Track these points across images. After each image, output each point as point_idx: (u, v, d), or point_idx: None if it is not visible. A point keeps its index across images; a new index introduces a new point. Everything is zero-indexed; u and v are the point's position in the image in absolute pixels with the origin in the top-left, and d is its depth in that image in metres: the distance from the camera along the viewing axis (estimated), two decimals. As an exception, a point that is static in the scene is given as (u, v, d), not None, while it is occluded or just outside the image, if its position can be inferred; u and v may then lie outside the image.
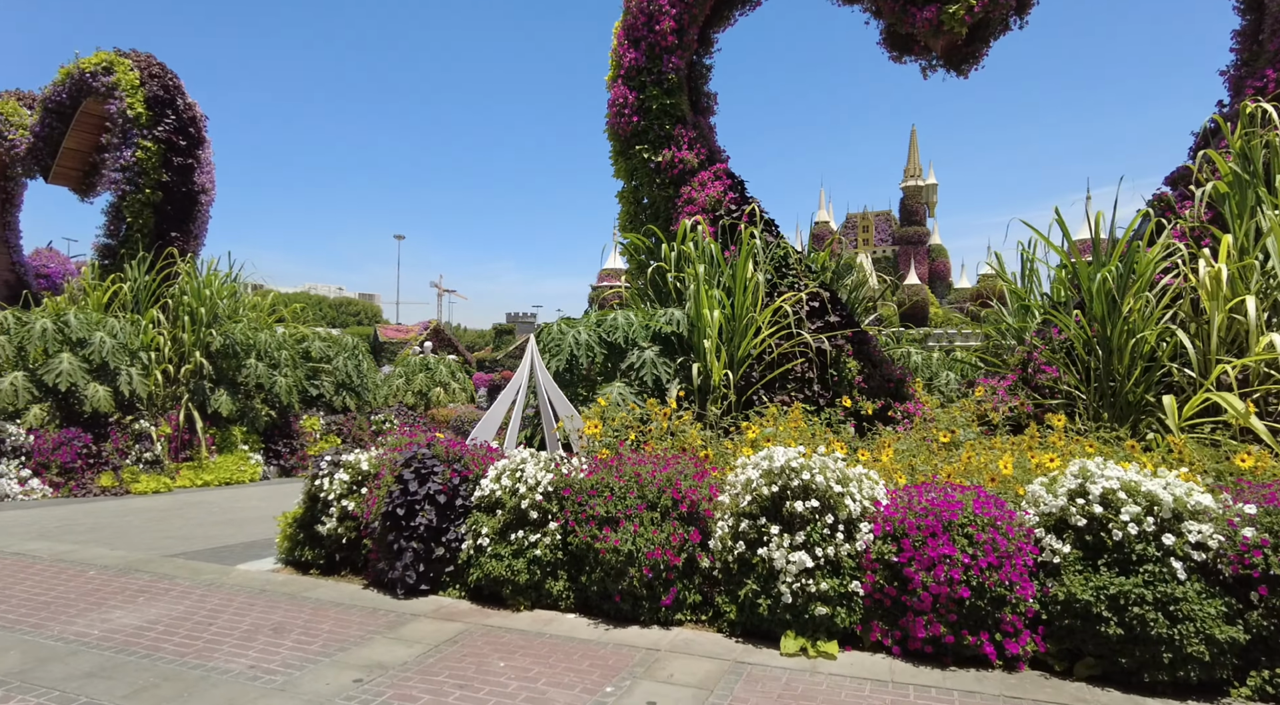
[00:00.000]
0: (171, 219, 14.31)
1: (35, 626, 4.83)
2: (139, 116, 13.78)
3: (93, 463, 11.21)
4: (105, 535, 7.88)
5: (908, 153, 71.10)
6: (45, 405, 11.12)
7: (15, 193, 17.79)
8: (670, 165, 9.50)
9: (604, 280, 52.31)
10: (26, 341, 11.20)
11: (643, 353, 8.11)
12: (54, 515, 9.11)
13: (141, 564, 6.48)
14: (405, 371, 19.53)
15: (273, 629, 4.80)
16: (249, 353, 13.73)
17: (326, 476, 6.23)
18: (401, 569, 5.47)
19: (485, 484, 5.63)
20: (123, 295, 13.34)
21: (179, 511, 9.63)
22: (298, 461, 14.35)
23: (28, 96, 16.51)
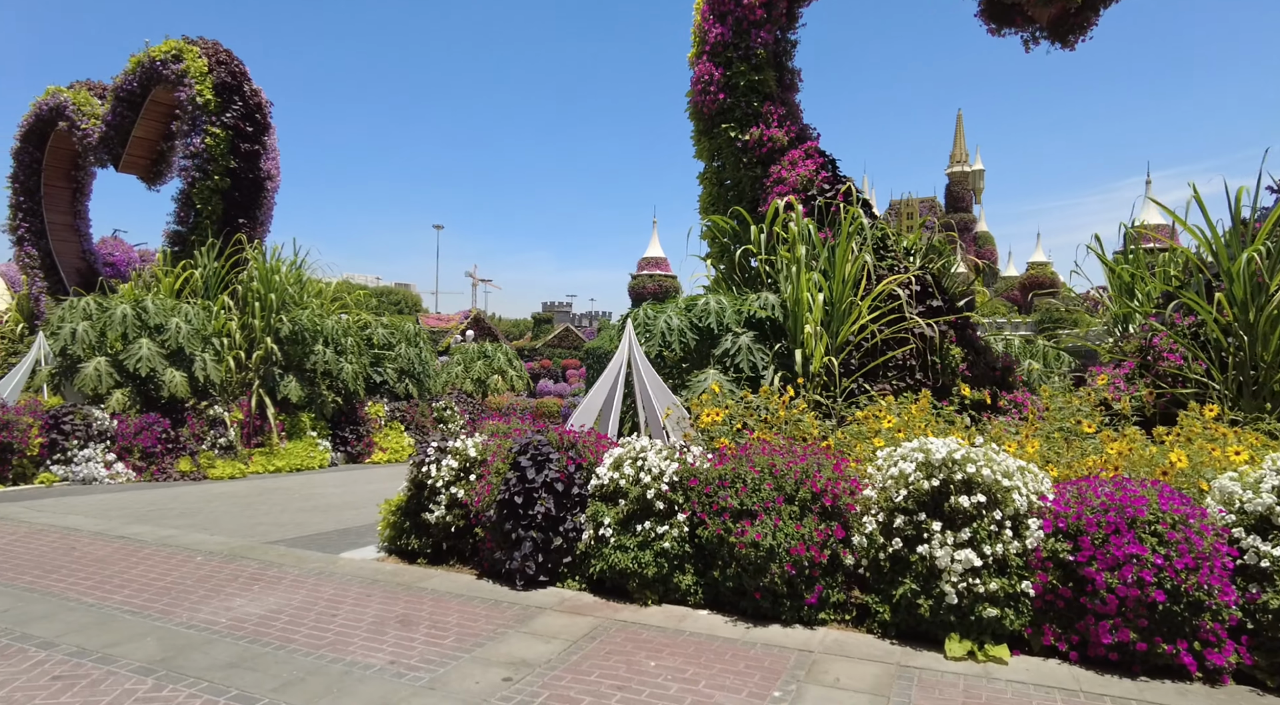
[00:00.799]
0: (239, 205, 14.35)
1: (163, 612, 4.73)
2: (207, 103, 13.81)
3: (171, 447, 11.28)
4: (198, 521, 7.86)
5: (953, 138, 69.48)
6: (126, 390, 11.21)
7: (85, 182, 18.06)
8: (758, 144, 9.16)
9: (644, 269, 51.97)
10: (108, 327, 11.29)
11: (738, 338, 7.82)
12: (142, 499, 9.14)
13: (245, 551, 6.40)
14: (463, 359, 19.50)
15: (399, 621, 4.64)
16: (316, 339, 13.73)
17: (434, 463, 6.06)
18: (520, 559, 5.28)
19: (602, 472, 5.41)
20: (193, 282, 13.42)
21: (260, 497, 9.61)
22: (364, 448, 14.36)
23: (98, 86, 16.69)
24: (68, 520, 7.63)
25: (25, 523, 7.44)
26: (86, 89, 16.54)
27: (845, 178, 9.08)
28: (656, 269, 51.42)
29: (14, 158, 17.11)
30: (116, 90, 15.11)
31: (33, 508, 8.31)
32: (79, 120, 15.86)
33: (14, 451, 9.69)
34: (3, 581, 5.40)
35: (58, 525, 7.34)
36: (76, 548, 6.43)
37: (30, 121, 16.78)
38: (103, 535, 6.94)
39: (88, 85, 16.69)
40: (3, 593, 5.12)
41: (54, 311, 11.60)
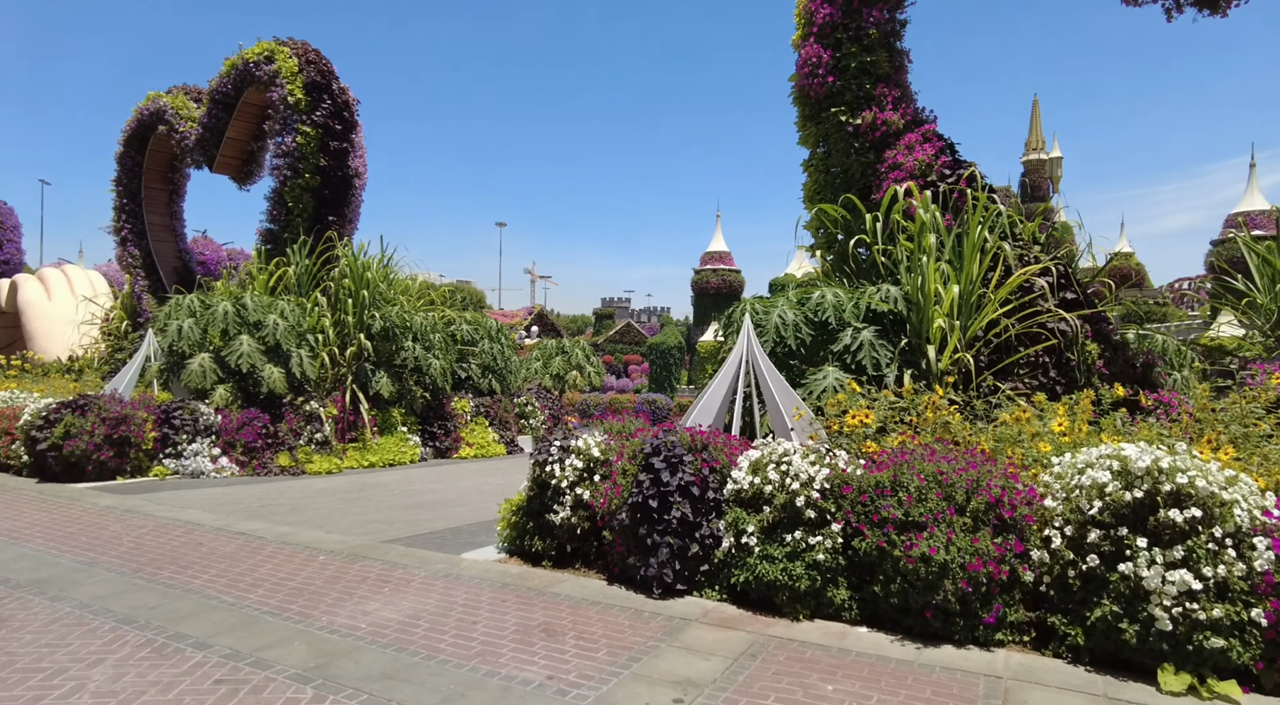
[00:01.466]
0: (329, 203, 14.55)
1: (301, 615, 4.65)
2: (298, 102, 14.02)
3: (270, 442, 11.47)
4: (309, 517, 7.88)
5: (1029, 124, 66.57)
6: (228, 386, 11.44)
7: (181, 184, 18.67)
8: (871, 128, 8.70)
9: (708, 264, 51.47)
10: (210, 324, 11.54)
11: (859, 334, 7.41)
12: (249, 494, 9.27)
13: (365, 551, 6.33)
14: (542, 354, 19.50)
15: (543, 630, 4.44)
16: (406, 335, 13.82)
17: (557, 463, 5.87)
18: (658, 566, 5.03)
19: (739, 476, 5.11)
20: (287, 279, 13.65)
21: (361, 493, 9.65)
22: (451, 443, 14.41)
23: (193, 90, 17.20)
24: (187, 514, 7.74)
25: (151, 516, 7.58)
26: (183, 93, 17.06)
27: (968, 162, 8.55)
28: (720, 263, 50.85)
29: (118, 162, 17.79)
30: (212, 93, 15.51)
31: (152, 501, 8.49)
32: (177, 123, 16.36)
33: (131, 445, 9.96)
34: (145, 576, 5.43)
35: (180, 520, 7.44)
36: (203, 543, 6.47)
37: (132, 126, 17.40)
38: (224, 531, 6.99)
39: (184, 89, 17.21)
40: (148, 588, 5.14)
41: (160, 309, 11.94)
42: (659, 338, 49.21)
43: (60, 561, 5.84)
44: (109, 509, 7.98)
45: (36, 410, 10.14)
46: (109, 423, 9.74)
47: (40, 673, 3.75)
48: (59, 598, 4.93)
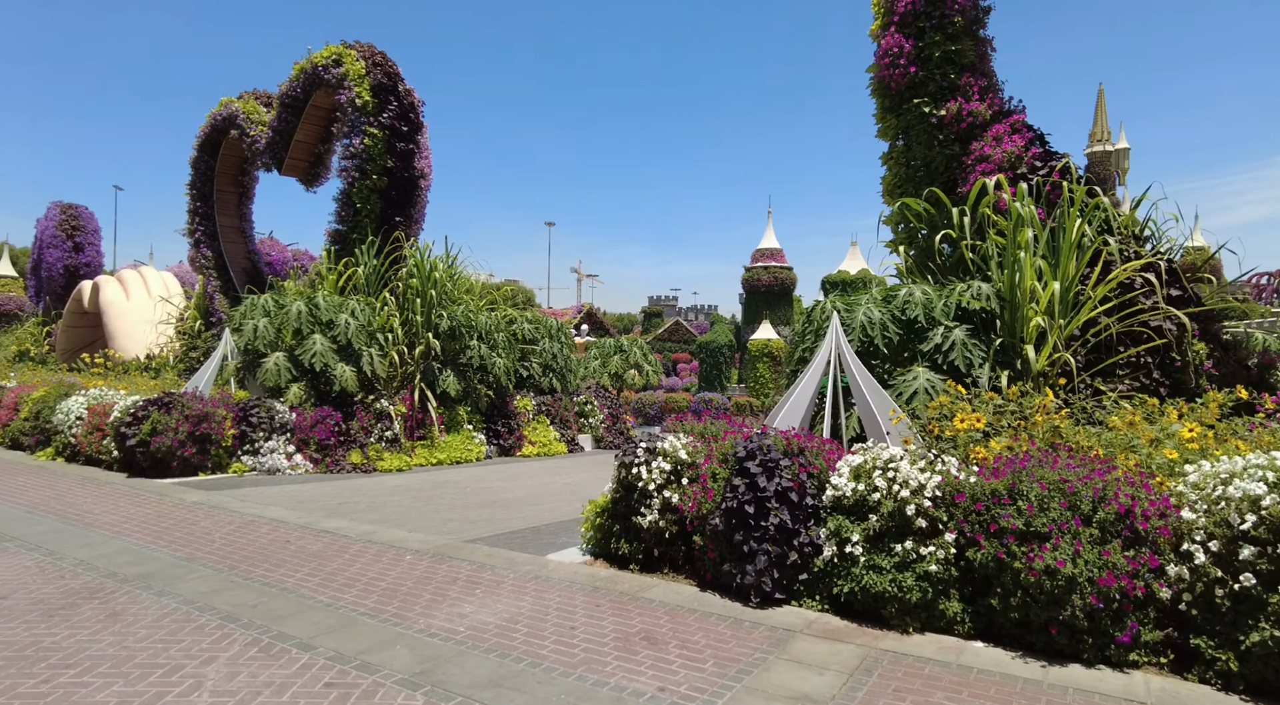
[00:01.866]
0: (395, 204, 14.75)
1: (398, 617, 4.63)
2: (366, 104, 14.23)
3: (342, 440, 11.65)
4: (387, 515, 7.93)
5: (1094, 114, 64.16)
6: (301, 384, 11.65)
7: (250, 187, 19.17)
8: (956, 119, 8.38)
9: (758, 261, 50.91)
10: (284, 323, 11.78)
11: (950, 333, 7.12)
12: (325, 492, 9.41)
13: (449, 550, 6.32)
14: (600, 353, 19.49)
15: (644, 638, 4.32)
16: (471, 334, 13.91)
17: (643, 465, 5.75)
18: (755, 574, 4.88)
19: (841, 483, 4.91)
20: (356, 279, 13.87)
21: (433, 491, 9.71)
22: (515, 441, 14.47)
23: (263, 95, 17.63)
24: (270, 512, 7.87)
25: (236, 513, 7.72)
26: (254, 98, 17.51)
27: (1059, 154, 8.16)
28: (771, 260, 50.20)
29: (192, 166, 18.36)
30: (282, 97, 15.86)
31: (235, 497, 8.67)
32: (248, 127, 16.79)
33: (212, 442, 10.22)
34: (240, 573, 5.50)
35: (265, 517, 7.57)
36: (291, 542, 6.55)
37: (206, 131, 17.94)
38: (308, 529, 7.07)
39: (255, 94, 17.65)
40: (245, 586, 5.19)
41: (236, 309, 12.25)
42: (709, 336, 48.92)
43: (159, 556, 5.96)
44: (196, 505, 8.17)
45: (125, 407, 10.48)
46: (191, 420, 10.00)
47: (159, 669, 3.78)
48: (165, 593, 5.02)
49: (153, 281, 24.35)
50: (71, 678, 3.68)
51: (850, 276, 51.57)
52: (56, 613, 4.63)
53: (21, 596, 4.94)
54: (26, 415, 12.62)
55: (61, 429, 11.67)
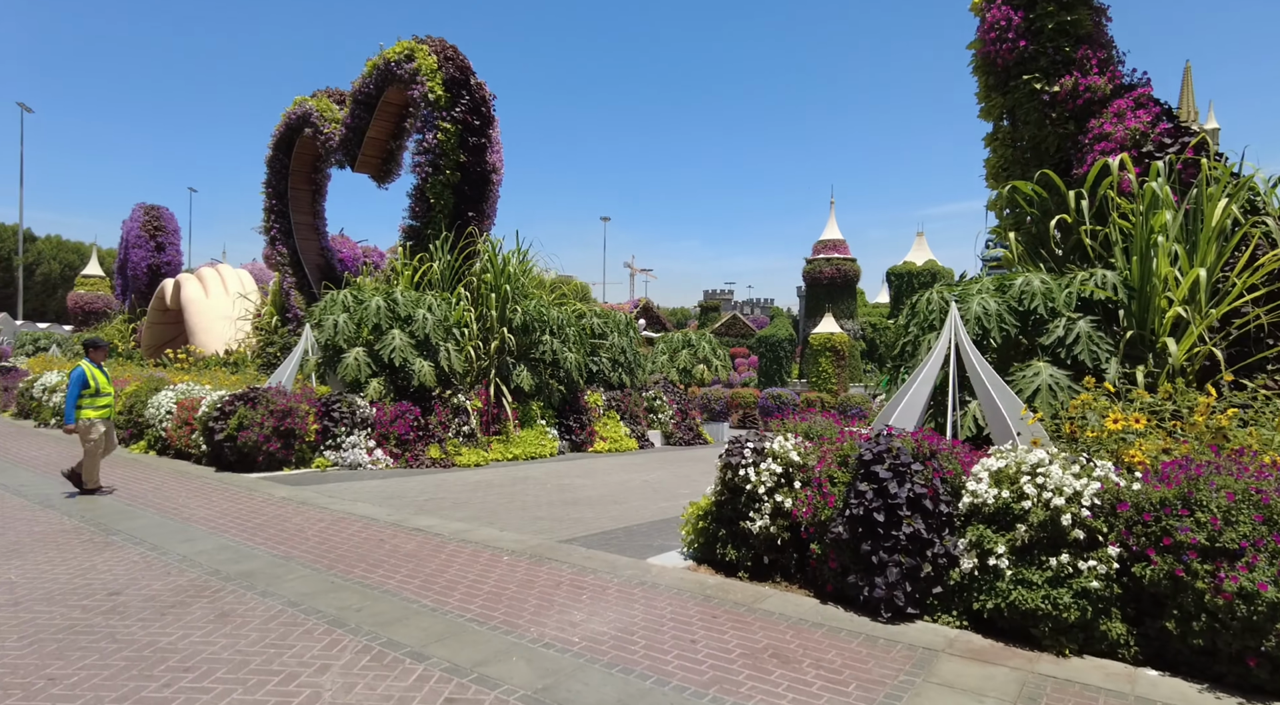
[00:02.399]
0: (468, 199, 14.72)
1: (507, 624, 4.42)
2: (438, 99, 14.21)
3: (421, 435, 11.65)
4: (474, 512, 7.80)
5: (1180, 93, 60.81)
6: (380, 379, 11.69)
7: (323, 184, 19.49)
8: (1072, 95, 7.77)
9: (820, 252, 49.85)
10: (364, 319, 11.82)
11: (1073, 325, 6.57)
12: (409, 487, 9.36)
13: (546, 551, 6.12)
14: (668, 347, 19.23)
15: (773, 655, 4.01)
16: (544, 329, 13.80)
17: (751, 466, 5.44)
18: (886, 587, 4.51)
19: (980, 489, 4.50)
20: (431, 274, 13.88)
21: (514, 487, 9.57)
22: (586, 437, 14.31)
23: (336, 93, 17.86)
24: (358, 508, 7.82)
25: (325, 509, 7.70)
26: (326, 96, 17.75)
27: (1190, 129, 7.49)
28: (834, 252, 49.03)
29: (268, 165, 18.74)
30: (354, 93, 16.00)
31: (322, 493, 8.67)
32: (322, 125, 17.02)
33: (296, 437, 10.30)
34: (339, 573, 5.40)
35: (355, 514, 7.51)
36: (384, 540, 6.45)
37: (281, 130, 18.28)
38: (399, 527, 6.97)
39: (328, 92, 17.90)
40: (346, 587, 5.08)
41: (316, 305, 12.36)
42: (768, 330, 48.16)
43: (258, 554, 5.92)
44: (285, 500, 8.19)
45: (212, 402, 10.66)
46: (276, 415, 10.10)
47: (275, 676, 3.65)
48: (269, 593, 4.93)
49: (230, 279, 25.07)
50: (191, 682, 3.58)
51: (916, 268, 50.11)
52: (169, 611, 4.57)
53: (134, 592, 4.92)
54: (120, 409, 13.01)
55: (153, 423, 11.97)
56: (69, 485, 8.78)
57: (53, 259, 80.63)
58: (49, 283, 78.10)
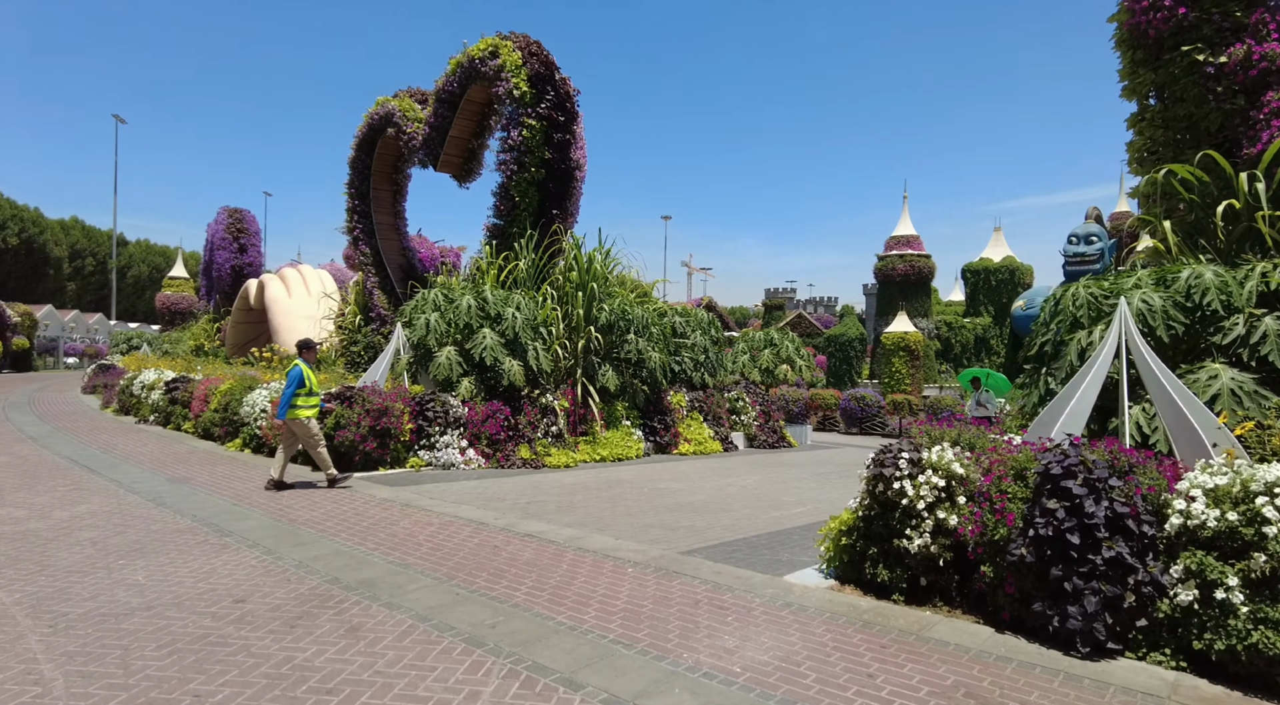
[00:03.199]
0: (552, 196, 14.51)
1: (655, 649, 4.05)
2: (524, 95, 14.02)
3: (511, 435, 11.46)
4: (581, 517, 7.49)
5: (1284, 74, 56.87)
6: (471, 378, 11.54)
7: (403, 184, 19.62)
8: (1243, 65, 6.99)
9: (893, 249, 48.42)
10: (455, 317, 11.69)
11: (1258, 322, 5.85)
12: (507, 489, 9.14)
13: (670, 563, 5.75)
14: (749, 346, 18.73)
15: (968, 695, 3.53)
16: (629, 328, 13.47)
17: (906, 478, 4.94)
18: (1083, 618, 3.97)
19: (1198, 510, 3.92)
20: (517, 273, 13.70)
21: (610, 490, 9.25)
22: (671, 438, 13.92)
23: (418, 93, 17.93)
24: (463, 511, 7.61)
25: (431, 512, 7.51)
26: (408, 96, 17.83)
27: (1387, 100, 6.64)
28: (908, 248, 47.51)
29: (350, 166, 18.96)
30: (438, 92, 15.98)
31: (423, 494, 8.51)
32: (405, 125, 17.08)
33: (391, 436, 10.21)
34: (461, 583, 5.13)
35: (460, 517, 7.30)
36: (499, 547, 6.18)
37: (363, 131, 18.46)
38: (510, 532, 6.71)
39: (409, 92, 17.98)
40: (473, 600, 4.80)
41: (407, 304, 12.32)
42: (838, 329, 46.99)
43: (374, 561, 5.71)
44: (388, 502, 8.04)
45: (308, 401, 10.67)
46: (373, 414, 10.02)
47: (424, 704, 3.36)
48: (395, 606, 4.68)
49: (311, 279, 25.61)
50: (338, 709, 3.31)
51: (994, 264, 48.30)
52: (297, 623, 4.36)
53: (259, 601, 4.74)
54: (215, 407, 13.25)
55: (248, 421, 12.11)
56: (177, 483, 8.86)
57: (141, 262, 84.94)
58: (138, 284, 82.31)
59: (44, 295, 71.29)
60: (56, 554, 5.78)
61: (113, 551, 5.86)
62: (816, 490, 9.93)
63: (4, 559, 5.61)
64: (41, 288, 71.57)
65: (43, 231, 71.38)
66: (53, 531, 6.51)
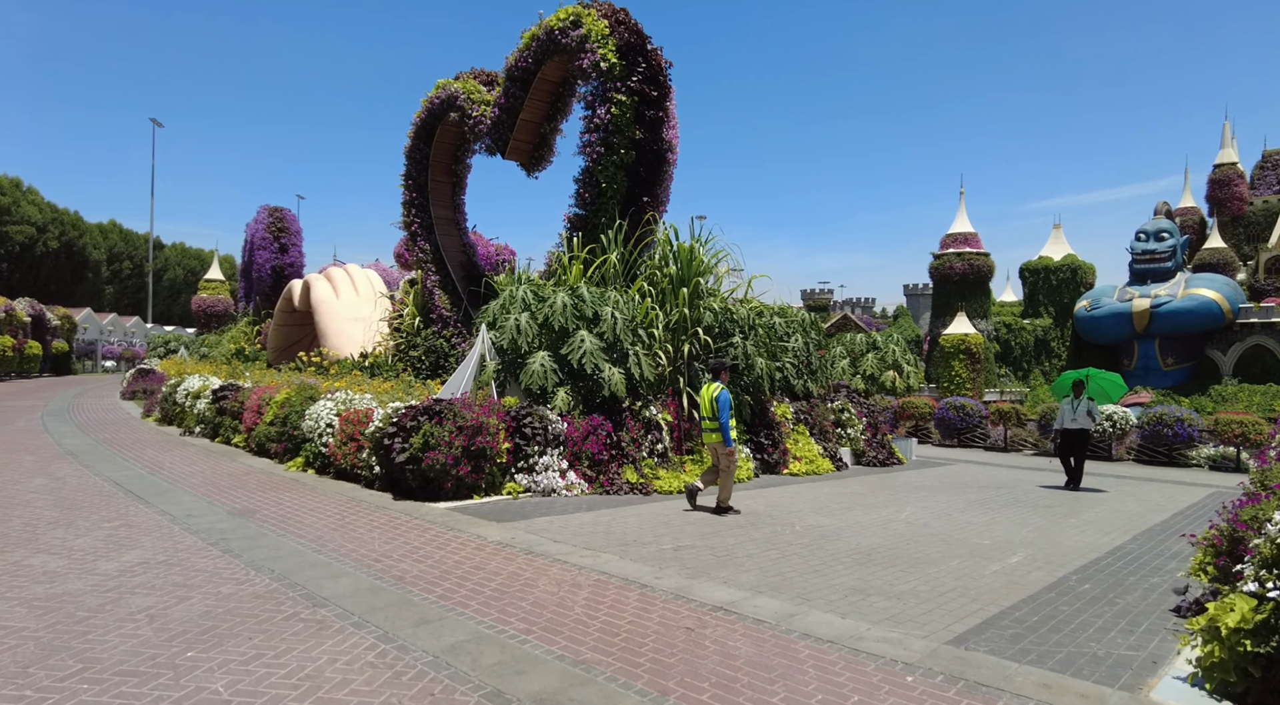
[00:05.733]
0: (642, 182, 12.89)
1: None
2: (612, 68, 12.41)
3: (615, 454, 9.84)
4: (756, 575, 5.82)
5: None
6: (567, 388, 9.94)
7: (463, 176, 18.13)
8: None
9: (949, 246, 46.23)
10: (550, 318, 10.09)
11: None
12: (631, 525, 7.51)
13: (953, 666, 4.05)
14: (847, 350, 16.96)
15: None
16: (733, 331, 11.80)
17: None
18: None
19: None
20: (607, 267, 12.09)
21: (758, 529, 7.58)
22: (779, 456, 12.22)
23: (482, 74, 16.44)
24: (606, 563, 5.99)
25: (569, 566, 5.88)
26: (472, 78, 16.33)
27: None
28: (965, 246, 45.25)
29: (407, 157, 17.50)
30: (509, 70, 14.43)
31: (540, 534, 6.90)
32: (469, 108, 15.56)
33: (487, 458, 8.63)
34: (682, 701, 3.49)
35: (611, 574, 5.66)
36: (695, 631, 4.53)
37: (422, 117, 16.98)
38: (687, 600, 5.07)
39: (473, 73, 16.49)
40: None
41: (493, 303, 10.74)
42: (891, 330, 44.98)
43: (536, 655, 4.09)
44: (505, 547, 6.45)
45: (386, 416, 9.14)
46: (466, 433, 8.43)
47: None
48: (618, 759, 3.05)
49: (360, 279, 24.26)
50: None
51: (1054, 263, 46.10)
52: (483, 802, 2.73)
53: (406, 747, 3.14)
54: (272, 419, 11.81)
55: (311, 436, 10.63)
56: (240, 517, 7.36)
57: (178, 265, 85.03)
58: (174, 287, 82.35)
59: (83, 298, 71.44)
60: (103, 638, 4.24)
61: (177, 634, 4.32)
62: (1002, 527, 8.17)
63: (34, 647, 4.08)
64: (80, 291, 71.72)
65: (82, 235, 71.51)
66: (97, 595, 5.00)
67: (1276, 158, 54.65)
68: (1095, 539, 7.67)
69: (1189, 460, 15.74)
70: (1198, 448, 15.82)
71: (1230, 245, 46.63)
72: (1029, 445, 18.00)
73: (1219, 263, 43.08)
